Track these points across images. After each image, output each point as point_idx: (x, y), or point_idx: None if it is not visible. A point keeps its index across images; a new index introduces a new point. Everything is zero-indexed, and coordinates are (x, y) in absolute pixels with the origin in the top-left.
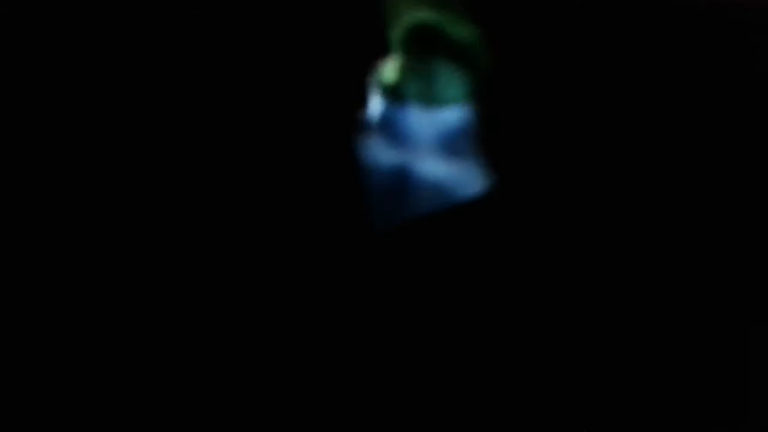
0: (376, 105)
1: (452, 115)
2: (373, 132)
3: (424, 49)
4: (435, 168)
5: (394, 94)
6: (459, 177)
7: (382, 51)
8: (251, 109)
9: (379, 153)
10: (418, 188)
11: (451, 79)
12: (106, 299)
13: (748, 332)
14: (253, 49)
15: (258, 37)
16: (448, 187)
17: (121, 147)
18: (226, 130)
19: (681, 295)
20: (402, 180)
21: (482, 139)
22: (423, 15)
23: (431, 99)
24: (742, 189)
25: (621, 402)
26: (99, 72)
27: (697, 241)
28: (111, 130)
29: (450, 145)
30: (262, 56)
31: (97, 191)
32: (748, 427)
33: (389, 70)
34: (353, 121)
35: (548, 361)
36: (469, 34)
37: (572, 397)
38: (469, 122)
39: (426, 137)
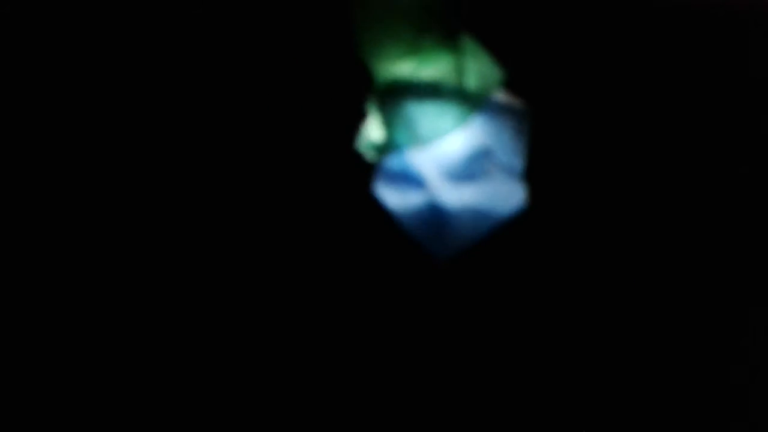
0: (373, 159)
1: (452, 143)
2: (383, 182)
3: (394, 97)
4: (460, 196)
5: (387, 149)
6: (491, 197)
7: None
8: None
9: (397, 198)
10: (455, 218)
11: (433, 117)
12: (105, 300)
13: (748, 333)
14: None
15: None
16: (483, 209)
17: (120, 147)
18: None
19: (681, 294)
20: (435, 216)
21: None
22: (390, 72)
23: (421, 139)
24: (741, 190)
25: (621, 402)
26: (99, 72)
27: (695, 243)
28: (111, 131)
29: (465, 170)
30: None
31: (97, 192)
32: (748, 427)
33: (373, 129)
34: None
35: (548, 361)
36: (444, 66)
37: (572, 397)
38: (478, 142)
39: (436, 172)
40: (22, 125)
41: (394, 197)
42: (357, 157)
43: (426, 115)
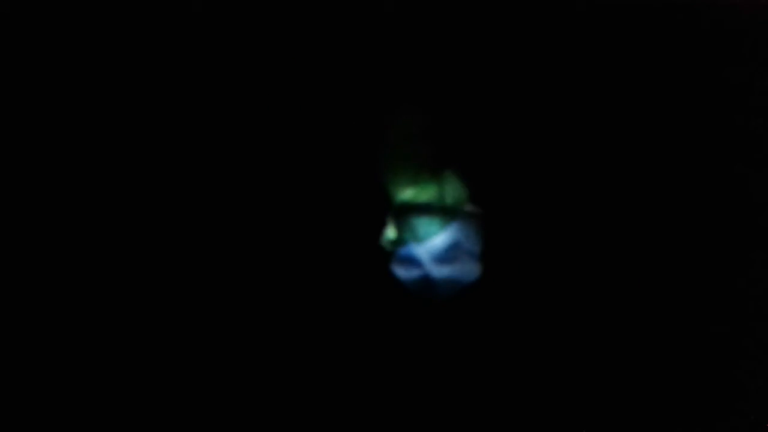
0: (391, 249)
1: (438, 240)
2: (397, 263)
3: (403, 212)
4: (442, 271)
5: (399, 243)
6: (460, 271)
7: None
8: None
9: (405, 273)
10: (438, 284)
11: (426, 224)
12: (106, 300)
13: (747, 332)
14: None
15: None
16: (455, 278)
17: (121, 147)
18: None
19: (680, 296)
20: (426, 283)
21: (471, 242)
22: (401, 197)
23: (420, 239)
24: (740, 190)
25: (621, 402)
26: (99, 72)
27: (695, 244)
28: (111, 131)
29: (445, 255)
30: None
31: (98, 192)
32: (748, 427)
33: (390, 231)
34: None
35: (549, 362)
36: (432, 192)
37: (572, 397)
38: (453, 238)
39: (428, 257)
40: (22, 125)
41: (403, 271)
42: (382, 249)
43: (422, 224)
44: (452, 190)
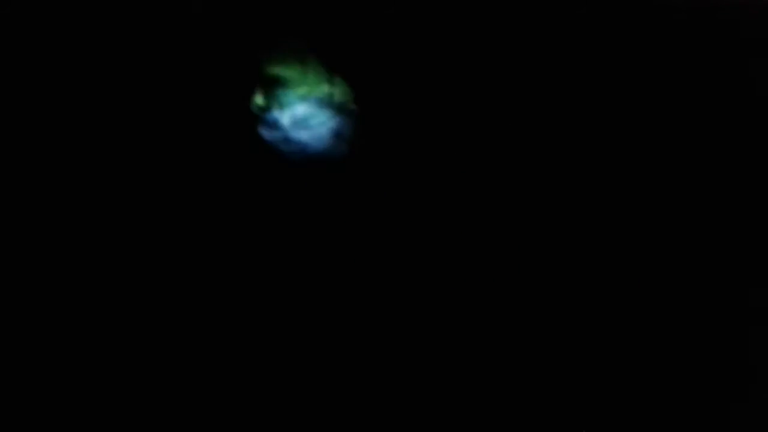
0: (259, 114)
1: (298, 109)
2: (264, 124)
3: (272, 87)
4: (299, 134)
5: (265, 108)
6: (314, 137)
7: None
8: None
9: (271, 134)
10: (297, 144)
11: (288, 96)
12: (106, 299)
13: (748, 332)
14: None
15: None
16: (310, 143)
17: (120, 147)
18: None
19: (681, 295)
20: (285, 143)
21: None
22: (267, 72)
23: (281, 106)
24: (738, 195)
25: (621, 402)
26: (99, 72)
27: (695, 245)
28: (111, 131)
29: (302, 122)
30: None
31: (97, 191)
32: (748, 427)
33: (258, 98)
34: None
35: (548, 362)
36: (289, 73)
37: (572, 397)
38: (310, 110)
39: (288, 122)
40: (22, 125)
41: (267, 133)
42: (252, 113)
43: (285, 95)
44: (341, 91)
